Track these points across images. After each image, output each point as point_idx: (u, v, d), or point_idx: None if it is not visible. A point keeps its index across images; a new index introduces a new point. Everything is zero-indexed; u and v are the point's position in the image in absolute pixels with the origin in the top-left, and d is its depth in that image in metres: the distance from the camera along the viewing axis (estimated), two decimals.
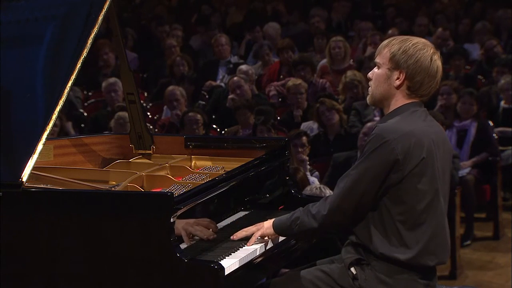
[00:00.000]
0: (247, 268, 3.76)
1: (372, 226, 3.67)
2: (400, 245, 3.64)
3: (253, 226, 3.93)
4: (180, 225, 3.76)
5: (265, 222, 3.92)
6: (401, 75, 3.71)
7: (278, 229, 3.86)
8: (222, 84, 10.15)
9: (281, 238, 4.00)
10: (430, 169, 3.66)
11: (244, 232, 3.91)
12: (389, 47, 3.74)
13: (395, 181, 3.61)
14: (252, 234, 3.89)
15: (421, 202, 3.64)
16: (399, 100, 3.74)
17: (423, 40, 3.77)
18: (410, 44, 3.71)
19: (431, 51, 3.72)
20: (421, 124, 3.70)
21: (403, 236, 3.63)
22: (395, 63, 3.71)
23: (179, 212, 3.63)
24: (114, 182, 4.34)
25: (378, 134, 3.64)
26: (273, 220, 3.89)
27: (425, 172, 3.64)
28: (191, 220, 3.82)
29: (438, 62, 3.73)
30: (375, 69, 3.79)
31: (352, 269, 3.72)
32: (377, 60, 3.77)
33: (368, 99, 3.85)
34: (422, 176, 3.63)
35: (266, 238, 3.92)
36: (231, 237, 3.90)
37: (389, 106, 3.76)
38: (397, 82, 3.72)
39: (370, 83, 3.81)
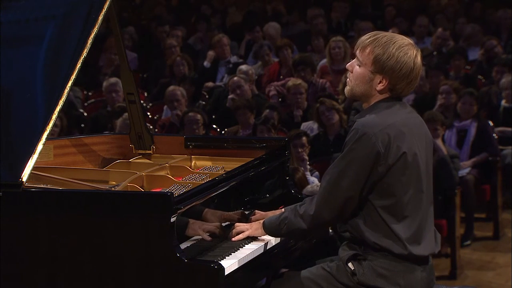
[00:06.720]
0: (247, 268, 3.76)
1: (362, 223, 3.67)
2: (392, 238, 3.64)
3: (248, 224, 3.94)
4: (197, 226, 3.83)
5: (255, 223, 3.92)
6: (384, 80, 3.68)
7: (267, 229, 3.86)
8: (222, 85, 10.15)
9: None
10: (413, 161, 3.65)
11: (238, 228, 3.92)
12: (372, 47, 3.67)
13: (381, 175, 3.61)
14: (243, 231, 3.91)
15: (407, 194, 3.64)
16: (380, 97, 3.72)
17: (406, 41, 3.69)
18: (394, 50, 3.64)
19: (414, 53, 3.67)
20: (400, 116, 3.69)
21: (393, 229, 3.63)
22: (379, 67, 3.67)
23: (179, 212, 3.64)
24: (114, 182, 4.33)
25: (358, 129, 3.62)
26: (263, 220, 3.89)
27: (408, 164, 3.64)
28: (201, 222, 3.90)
29: (419, 60, 3.68)
30: (356, 65, 3.74)
31: (350, 265, 3.71)
32: (359, 57, 3.72)
33: (346, 91, 3.81)
34: (405, 168, 3.63)
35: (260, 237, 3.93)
36: (232, 238, 3.90)
37: (369, 102, 3.75)
38: (380, 87, 3.69)
39: (349, 74, 3.78)
